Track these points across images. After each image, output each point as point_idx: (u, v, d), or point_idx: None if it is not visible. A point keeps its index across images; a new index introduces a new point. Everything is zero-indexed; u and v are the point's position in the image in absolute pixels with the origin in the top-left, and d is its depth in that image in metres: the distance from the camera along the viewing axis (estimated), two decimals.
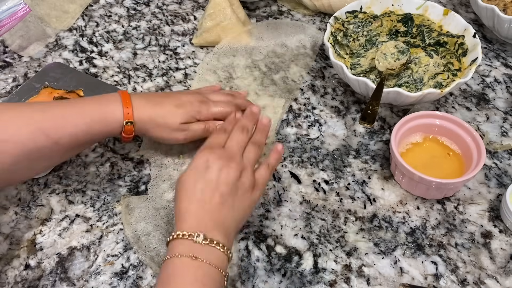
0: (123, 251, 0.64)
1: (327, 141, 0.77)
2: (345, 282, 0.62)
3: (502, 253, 0.65)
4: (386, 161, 0.74)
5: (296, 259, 0.64)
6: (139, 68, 0.88)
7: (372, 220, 0.68)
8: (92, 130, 0.62)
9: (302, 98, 0.83)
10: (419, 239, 0.66)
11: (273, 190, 0.71)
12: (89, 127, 0.62)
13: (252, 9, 0.99)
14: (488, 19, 0.88)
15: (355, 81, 0.74)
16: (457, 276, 0.63)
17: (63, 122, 0.61)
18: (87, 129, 0.62)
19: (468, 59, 0.78)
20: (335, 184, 0.72)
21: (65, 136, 0.60)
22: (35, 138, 0.58)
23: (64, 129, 0.60)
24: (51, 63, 0.87)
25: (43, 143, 0.59)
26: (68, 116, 0.61)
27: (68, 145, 0.61)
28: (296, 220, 0.68)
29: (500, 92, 0.85)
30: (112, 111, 0.63)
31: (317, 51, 0.91)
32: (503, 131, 0.79)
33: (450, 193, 0.70)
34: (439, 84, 0.78)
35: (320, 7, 0.96)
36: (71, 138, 0.61)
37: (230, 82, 0.85)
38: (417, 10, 0.86)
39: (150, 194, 0.70)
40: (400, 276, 0.63)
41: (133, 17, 0.98)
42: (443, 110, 0.81)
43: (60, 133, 0.60)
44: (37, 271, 0.63)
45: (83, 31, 0.95)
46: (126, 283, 0.62)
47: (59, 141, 0.60)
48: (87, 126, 0.62)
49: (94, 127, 0.62)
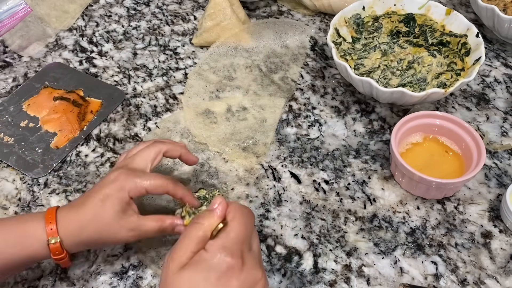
0: (123, 251, 0.64)
1: (327, 141, 0.77)
2: (345, 282, 0.62)
3: (502, 253, 0.65)
4: (386, 161, 0.74)
5: (296, 259, 0.64)
6: (139, 68, 0.88)
7: (372, 220, 0.68)
8: (5, 254, 0.52)
9: (302, 98, 0.83)
10: (419, 239, 0.66)
11: (273, 190, 0.71)
12: (3, 249, 0.52)
13: (252, 9, 0.99)
14: (488, 19, 0.88)
15: (358, 81, 0.74)
16: (457, 276, 0.63)
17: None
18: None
19: (471, 59, 0.78)
20: (335, 184, 0.72)
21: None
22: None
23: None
24: (51, 63, 0.87)
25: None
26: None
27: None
28: (296, 220, 0.68)
29: (500, 92, 0.85)
30: (32, 229, 0.53)
31: (317, 51, 0.91)
32: (503, 131, 0.79)
33: (450, 193, 0.70)
34: (442, 83, 0.78)
35: (320, 7, 0.96)
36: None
37: (230, 82, 0.85)
38: (420, 10, 0.86)
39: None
40: (400, 276, 0.63)
41: (133, 17, 0.98)
42: (443, 110, 0.81)
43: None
44: (37, 271, 0.63)
45: (83, 31, 0.95)
46: (126, 283, 0.62)
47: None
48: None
49: (8, 251, 0.52)
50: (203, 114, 0.80)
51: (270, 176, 0.73)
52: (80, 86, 0.84)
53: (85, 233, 0.55)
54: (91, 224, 0.54)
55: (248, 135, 0.77)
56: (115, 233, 0.55)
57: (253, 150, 0.75)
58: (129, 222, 0.56)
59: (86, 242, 0.56)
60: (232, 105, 0.81)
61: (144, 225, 0.57)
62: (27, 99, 0.81)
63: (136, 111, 0.81)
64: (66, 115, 0.79)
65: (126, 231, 0.56)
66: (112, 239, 0.56)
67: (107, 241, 0.56)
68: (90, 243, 0.57)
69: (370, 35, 0.86)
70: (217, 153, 0.75)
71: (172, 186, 0.58)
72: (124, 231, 0.56)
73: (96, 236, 0.55)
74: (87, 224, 0.54)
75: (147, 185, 0.56)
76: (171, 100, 0.83)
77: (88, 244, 0.57)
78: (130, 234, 0.56)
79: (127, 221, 0.56)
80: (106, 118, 0.80)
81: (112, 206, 0.55)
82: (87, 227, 0.54)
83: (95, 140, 0.77)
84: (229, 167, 0.73)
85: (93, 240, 0.56)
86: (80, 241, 0.55)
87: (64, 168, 0.73)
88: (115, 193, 0.55)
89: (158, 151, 0.61)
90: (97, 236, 0.55)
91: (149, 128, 0.79)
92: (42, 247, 0.53)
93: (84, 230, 0.54)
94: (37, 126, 0.78)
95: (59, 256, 0.54)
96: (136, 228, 0.56)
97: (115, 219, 0.55)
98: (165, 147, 0.62)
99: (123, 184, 0.56)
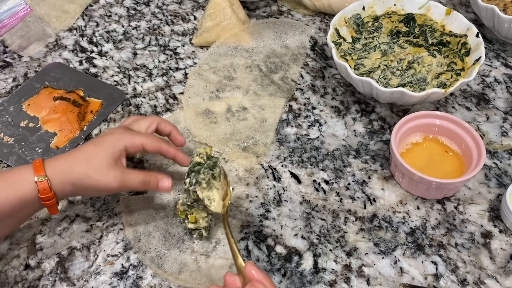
0: (123, 251, 0.64)
1: (327, 141, 0.77)
2: (345, 282, 0.62)
3: (502, 253, 0.65)
4: (386, 161, 0.74)
5: (296, 259, 0.64)
6: (139, 68, 0.88)
7: (372, 220, 0.68)
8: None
9: (302, 98, 0.83)
10: (419, 239, 0.66)
11: (273, 190, 0.71)
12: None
13: (252, 9, 0.99)
14: (488, 19, 0.88)
15: (359, 81, 0.74)
16: (457, 276, 0.63)
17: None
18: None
19: (471, 59, 0.78)
20: (335, 184, 0.72)
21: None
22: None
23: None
24: (51, 63, 0.87)
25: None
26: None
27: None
28: (296, 220, 0.68)
29: (500, 92, 0.85)
30: (19, 172, 0.56)
31: (317, 51, 0.91)
32: (503, 131, 0.79)
33: (450, 193, 0.70)
34: (442, 83, 0.78)
35: (320, 7, 0.96)
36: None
37: (230, 82, 0.85)
38: (420, 10, 0.86)
39: (150, 194, 0.70)
40: (400, 276, 0.63)
41: (133, 17, 0.98)
42: (443, 110, 0.81)
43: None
44: (37, 271, 0.63)
45: (83, 31, 0.95)
46: (126, 283, 0.62)
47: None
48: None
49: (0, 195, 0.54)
50: (203, 114, 0.80)
51: (270, 176, 0.73)
52: (80, 86, 0.84)
53: (74, 172, 0.57)
54: (81, 162, 0.57)
55: (248, 135, 0.77)
56: (102, 175, 0.57)
57: (253, 150, 0.75)
58: (118, 169, 0.59)
59: (72, 182, 0.57)
60: (232, 105, 0.81)
61: (130, 175, 0.60)
62: (27, 99, 0.81)
63: (136, 111, 0.81)
64: (66, 115, 0.79)
65: (113, 176, 0.58)
66: (97, 182, 0.57)
67: (91, 184, 0.58)
68: (75, 184, 0.57)
69: (370, 35, 0.86)
70: (217, 153, 0.75)
71: (166, 144, 0.63)
72: (111, 176, 0.58)
73: (82, 176, 0.57)
74: (77, 162, 0.57)
75: (142, 139, 0.61)
76: (171, 100, 0.83)
77: (73, 184, 0.57)
78: (115, 179, 0.58)
79: (115, 167, 0.58)
80: (106, 118, 0.80)
81: (104, 150, 0.58)
82: (76, 166, 0.57)
83: None
84: (229, 167, 0.73)
85: (78, 181, 0.57)
86: (66, 181, 0.57)
87: None
88: (109, 141, 0.59)
89: (152, 120, 0.66)
90: (83, 176, 0.57)
91: None
92: (31, 187, 0.55)
93: (73, 168, 0.57)
94: (37, 126, 0.78)
95: (47, 196, 0.56)
96: (122, 175, 0.59)
97: (104, 162, 0.58)
98: (159, 119, 0.67)
99: (119, 137, 0.60)
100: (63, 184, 0.57)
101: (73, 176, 0.57)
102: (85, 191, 0.60)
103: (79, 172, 0.57)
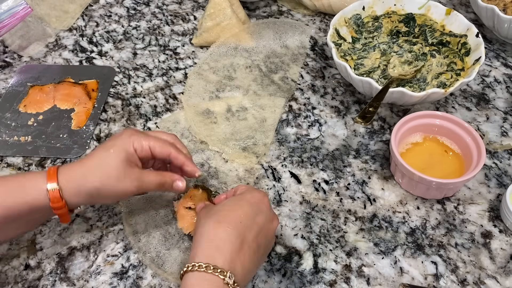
0: (123, 251, 0.64)
1: (327, 141, 0.77)
2: (345, 282, 0.62)
3: (502, 253, 0.65)
4: (386, 161, 0.74)
5: (296, 259, 0.64)
6: (139, 68, 0.88)
7: (372, 220, 0.68)
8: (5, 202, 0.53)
9: (302, 98, 0.83)
10: (419, 239, 0.66)
11: (273, 190, 0.71)
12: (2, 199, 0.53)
13: (252, 9, 0.99)
14: (488, 19, 0.88)
15: (359, 81, 0.74)
16: (457, 276, 0.63)
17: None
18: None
19: (471, 59, 0.78)
20: (335, 184, 0.72)
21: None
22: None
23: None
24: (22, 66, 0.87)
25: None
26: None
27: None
28: (296, 220, 0.68)
29: (500, 92, 0.85)
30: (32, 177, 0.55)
31: (317, 51, 0.91)
32: (503, 131, 0.79)
33: (450, 193, 0.70)
34: (442, 83, 0.78)
35: (320, 7, 0.96)
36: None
37: (230, 82, 0.85)
38: (419, 10, 0.86)
39: (150, 194, 0.70)
40: (400, 276, 0.63)
41: (133, 17, 0.98)
42: (443, 110, 0.81)
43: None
44: (37, 271, 0.63)
45: (83, 31, 0.95)
46: (126, 283, 0.62)
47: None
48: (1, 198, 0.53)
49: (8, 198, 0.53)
50: (203, 114, 0.80)
51: (270, 176, 0.73)
52: (65, 76, 0.85)
53: (89, 182, 0.55)
54: (95, 172, 0.55)
55: (248, 135, 0.77)
56: (118, 181, 0.55)
57: (253, 150, 0.75)
58: (133, 172, 0.57)
59: (88, 191, 0.55)
60: (232, 105, 0.81)
61: (147, 177, 0.58)
62: (18, 102, 0.81)
63: (136, 111, 0.81)
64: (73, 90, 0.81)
65: (130, 180, 0.56)
66: (114, 188, 0.56)
67: (109, 192, 0.56)
68: (92, 194, 0.56)
69: (370, 35, 0.86)
70: (217, 153, 0.75)
71: (175, 150, 0.60)
72: (128, 180, 0.56)
73: (99, 185, 0.55)
74: (92, 171, 0.55)
75: (151, 142, 0.58)
76: (171, 100, 0.83)
77: (89, 194, 0.56)
78: (133, 184, 0.56)
79: (131, 171, 0.56)
80: (106, 119, 0.80)
81: (117, 154, 0.56)
82: (91, 175, 0.55)
83: (95, 140, 0.77)
84: (229, 167, 0.73)
85: (95, 190, 0.55)
86: (82, 191, 0.55)
87: None
88: (120, 144, 0.57)
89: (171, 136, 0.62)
90: (100, 185, 0.55)
91: (149, 128, 0.79)
92: (42, 194, 0.53)
93: (87, 178, 0.55)
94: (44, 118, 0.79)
95: (58, 205, 0.54)
96: (139, 178, 0.57)
97: (119, 168, 0.56)
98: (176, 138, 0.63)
99: (129, 138, 0.58)
100: (78, 194, 0.55)
101: (89, 186, 0.55)
102: (102, 199, 0.59)
103: (94, 181, 0.55)
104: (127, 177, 0.56)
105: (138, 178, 0.57)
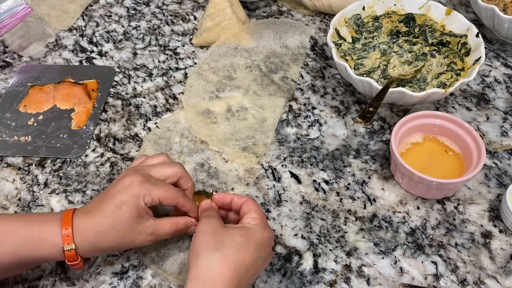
0: (123, 251, 0.64)
1: (327, 141, 0.77)
2: (345, 282, 0.62)
3: (502, 253, 0.65)
4: (386, 161, 0.74)
5: (296, 259, 0.64)
6: (139, 68, 0.88)
7: (372, 220, 0.68)
8: (20, 252, 0.53)
9: (302, 98, 0.83)
10: (419, 239, 0.66)
11: (273, 190, 0.71)
12: (16, 248, 0.53)
13: (252, 9, 0.99)
14: (488, 19, 0.88)
15: (359, 81, 0.74)
16: (457, 276, 0.63)
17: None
18: (13, 250, 0.53)
19: (471, 59, 0.78)
20: (335, 184, 0.72)
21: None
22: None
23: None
24: (22, 66, 0.87)
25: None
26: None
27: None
28: (296, 220, 0.68)
29: (500, 92, 0.85)
30: (48, 232, 0.54)
31: (317, 51, 0.91)
32: (503, 131, 0.79)
33: (450, 193, 0.70)
34: (442, 83, 0.78)
35: (320, 7, 0.96)
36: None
37: (230, 82, 0.85)
38: (420, 10, 0.86)
39: None
40: (400, 276, 0.63)
41: (133, 17, 0.98)
42: (443, 110, 0.81)
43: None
44: (37, 271, 0.63)
45: (83, 31, 0.95)
46: (126, 283, 0.62)
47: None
48: (16, 246, 0.53)
49: (24, 249, 0.54)
50: (203, 114, 0.80)
51: (270, 176, 0.73)
52: (65, 76, 0.85)
53: (105, 242, 0.56)
54: (110, 232, 0.55)
55: (248, 135, 0.77)
56: (133, 238, 0.56)
57: (253, 150, 0.75)
58: (147, 226, 0.57)
59: (104, 250, 0.58)
60: (232, 105, 0.81)
61: (161, 229, 0.58)
62: (18, 102, 0.81)
63: (136, 111, 0.81)
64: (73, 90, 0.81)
65: (145, 235, 0.57)
66: (130, 245, 0.57)
67: (124, 247, 0.59)
68: (107, 250, 0.59)
69: (370, 35, 0.86)
70: (217, 153, 0.75)
71: (183, 199, 0.60)
72: (143, 235, 0.57)
73: (115, 243, 0.56)
74: (106, 232, 0.55)
75: (160, 195, 0.57)
76: (171, 100, 0.83)
77: (105, 251, 0.59)
78: (148, 238, 0.57)
79: (145, 226, 0.57)
80: (106, 119, 0.80)
81: (129, 212, 0.55)
82: (106, 236, 0.55)
83: (95, 140, 0.77)
84: (229, 167, 0.73)
85: (111, 248, 0.57)
86: (98, 249, 0.56)
87: (64, 168, 0.73)
88: (130, 200, 0.56)
89: (176, 172, 0.61)
90: (115, 244, 0.56)
91: (149, 128, 0.79)
92: (58, 251, 0.54)
93: (103, 238, 0.55)
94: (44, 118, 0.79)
95: (74, 262, 0.55)
96: (153, 232, 0.58)
97: (134, 226, 0.56)
98: (182, 171, 0.62)
99: (138, 191, 0.56)
100: (94, 251, 0.57)
101: (105, 246, 0.56)
102: (116, 251, 0.63)
103: (110, 242, 0.56)
104: (141, 233, 0.57)
105: (153, 232, 0.58)
